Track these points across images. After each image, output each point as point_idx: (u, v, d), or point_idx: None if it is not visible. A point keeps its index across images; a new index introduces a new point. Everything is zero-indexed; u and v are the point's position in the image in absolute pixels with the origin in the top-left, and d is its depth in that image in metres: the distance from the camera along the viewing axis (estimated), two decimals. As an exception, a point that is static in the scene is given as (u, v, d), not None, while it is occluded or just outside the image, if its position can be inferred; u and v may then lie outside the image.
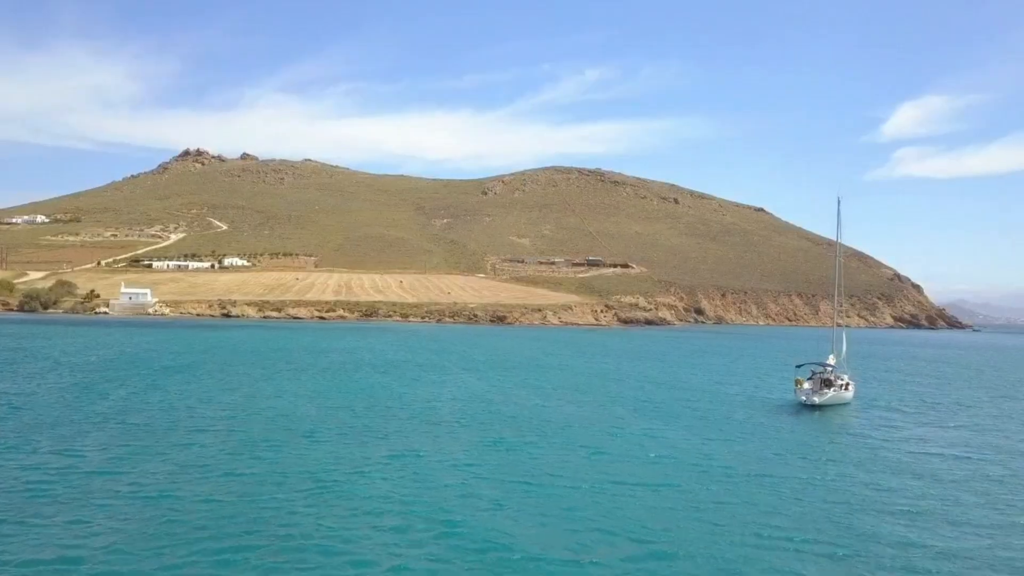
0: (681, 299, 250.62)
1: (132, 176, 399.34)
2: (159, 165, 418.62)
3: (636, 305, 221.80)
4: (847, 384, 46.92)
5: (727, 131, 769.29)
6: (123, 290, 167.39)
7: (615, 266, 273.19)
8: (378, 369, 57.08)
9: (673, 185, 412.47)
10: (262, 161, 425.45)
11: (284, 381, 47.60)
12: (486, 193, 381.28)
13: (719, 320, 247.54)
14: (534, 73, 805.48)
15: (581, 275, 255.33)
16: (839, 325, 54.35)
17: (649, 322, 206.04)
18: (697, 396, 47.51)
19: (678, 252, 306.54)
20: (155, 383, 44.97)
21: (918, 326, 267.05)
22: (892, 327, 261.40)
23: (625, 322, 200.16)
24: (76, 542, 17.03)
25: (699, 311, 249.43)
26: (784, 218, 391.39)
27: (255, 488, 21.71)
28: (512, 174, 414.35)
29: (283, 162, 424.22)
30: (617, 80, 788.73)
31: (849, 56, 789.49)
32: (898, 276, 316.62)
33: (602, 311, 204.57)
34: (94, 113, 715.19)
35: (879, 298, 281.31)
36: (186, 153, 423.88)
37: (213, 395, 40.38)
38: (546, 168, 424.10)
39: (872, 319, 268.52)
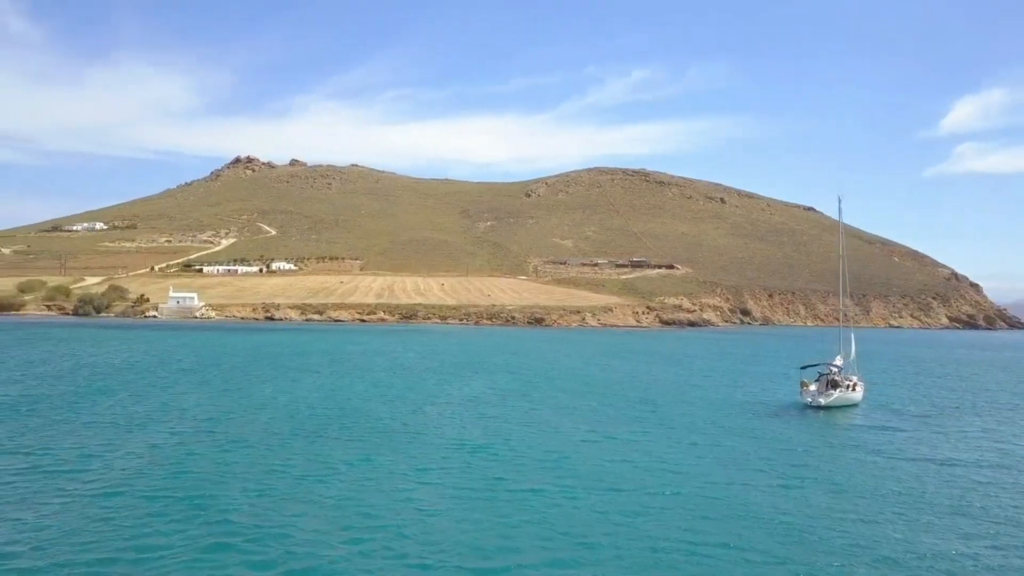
0: (727, 300, 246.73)
1: (186, 184, 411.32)
2: (212, 172, 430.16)
3: (680, 307, 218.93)
4: (854, 385, 45.78)
5: (777, 129, 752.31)
6: (171, 294, 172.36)
7: (660, 267, 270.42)
8: (386, 372, 57.69)
9: (719, 185, 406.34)
10: (310, 167, 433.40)
11: (285, 383, 48.44)
12: (530, 195, 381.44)
13: (766, 321, 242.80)
14: (580, 76, 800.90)
15: (624, 276, 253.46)
16: (846, 325, 52.95)
17: (692, 324, 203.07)
18: (701, 398, 46.73)
19: (724, 252, 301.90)
20: (162, 384, 46.25)
21: (975, 327, 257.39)
22: (947, 328, 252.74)
23: (667, 323, 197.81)
24: (8, 544, 17.50)
25: (745, 312, 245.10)
26: (835, 217, 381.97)
27: (200, 486, 22.18)
28: (556, 176, 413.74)
29: (330, 167, 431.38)
30: (664, 80, 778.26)
31: (905, 50, 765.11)
32: (955, 275, 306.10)
33: (643, 313, 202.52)
34: (153, 123, 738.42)
35: (934, 298, 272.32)
36: (237, 160, 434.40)
37: (212, 396, 41.34)
38: (590, 169, 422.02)
39: (926, 320, 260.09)
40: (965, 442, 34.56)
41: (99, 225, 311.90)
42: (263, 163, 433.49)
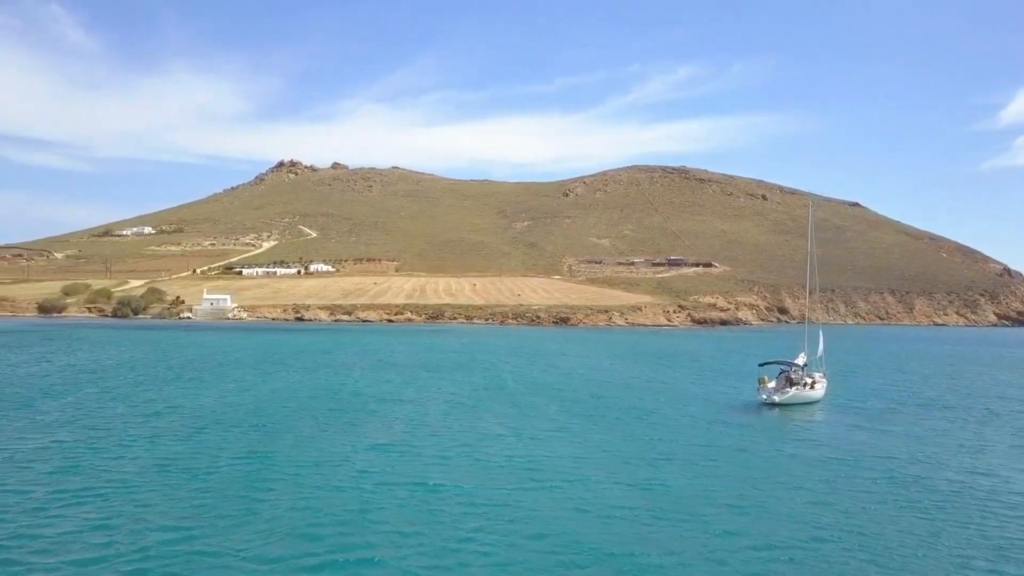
0: (764, 298, 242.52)
1: (231, 188, 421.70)
2: (256, 176, 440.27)
3: (714, 305, 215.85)
4: (813, 383, 44.84)
5: (824, 125, 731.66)
6: (204, 296, 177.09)
7: (697, 265, 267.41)
8: (361, 371, 58.42)
9: (762, 181, 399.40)
10: (352, 170, 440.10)
11: (250, 382, 49.44)
12: (567, 195, 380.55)
13: (804, 319, 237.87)
14: (623, 74, 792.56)
15: (660, 275, 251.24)
16: (813, 322, 51.91)
17: (724, 323, 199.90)
18: (660, 396, 46.14)
19: (764, 250, 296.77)
20: (130, 384, 47.66)
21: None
22: (995, 325, 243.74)
23: (699, 323, 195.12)
24: None
25: (783, 310, 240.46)
26: (882, 212, 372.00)
27: (64, 483, 22.96)
28: (594, 175, 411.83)
29: (371, 170, 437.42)
30: (708, 77, 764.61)
31: (959, 41, 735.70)
32: (1008, 271, 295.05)
33: (674, 311, 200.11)
34: (201, 129, 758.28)
35: (981, 295, 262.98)
36: (281, 164, 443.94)
37: (167, 396, 42.46)
38: (628, 167, 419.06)
39: (973, 317, 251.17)
40: (906, 442, 33.37)
41: (147, 229, 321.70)
42: (306, 166, 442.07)
